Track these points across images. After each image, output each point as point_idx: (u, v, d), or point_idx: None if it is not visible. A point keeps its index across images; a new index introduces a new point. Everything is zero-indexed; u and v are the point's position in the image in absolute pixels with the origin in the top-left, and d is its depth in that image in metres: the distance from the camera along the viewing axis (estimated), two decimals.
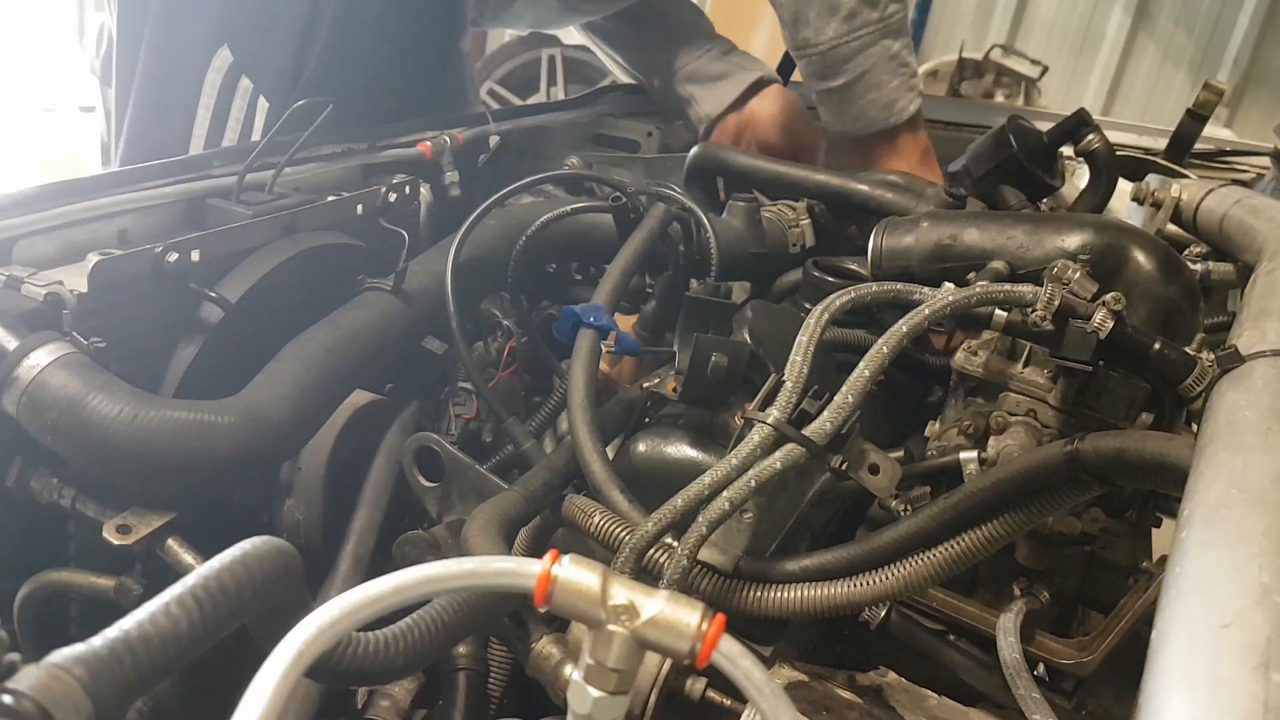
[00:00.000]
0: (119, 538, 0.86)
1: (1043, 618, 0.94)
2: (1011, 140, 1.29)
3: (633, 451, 0.99)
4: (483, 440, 1.19)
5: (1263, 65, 6.18)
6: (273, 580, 0.63)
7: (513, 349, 1.23)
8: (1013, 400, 0.94)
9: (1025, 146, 1.30)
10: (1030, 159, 1.30)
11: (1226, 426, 0.66)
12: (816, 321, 0.86)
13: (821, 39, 1.48)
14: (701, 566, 0.84)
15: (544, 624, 0.84)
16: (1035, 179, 1.32)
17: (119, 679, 0.52)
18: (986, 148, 1.32)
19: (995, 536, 0.82)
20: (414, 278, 1.13)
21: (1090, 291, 0.83)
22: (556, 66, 5.14)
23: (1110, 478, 0.80)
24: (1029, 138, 1.32)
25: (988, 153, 1.32)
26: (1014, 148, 1.29)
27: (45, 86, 4.55)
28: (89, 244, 0.99)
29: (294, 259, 1.07)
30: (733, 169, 1.47)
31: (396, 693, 0.98)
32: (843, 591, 0.82)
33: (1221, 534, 0.52)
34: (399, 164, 1.39)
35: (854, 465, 0.82)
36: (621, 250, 1.16)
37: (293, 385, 0.95)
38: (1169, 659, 0.45)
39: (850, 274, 1.25)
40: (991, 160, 1.31)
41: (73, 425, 0.82)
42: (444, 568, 0.54)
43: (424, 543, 0.98)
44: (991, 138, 1.33)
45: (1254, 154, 1.85)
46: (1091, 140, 1.35)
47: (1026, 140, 1.31)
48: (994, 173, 1.31)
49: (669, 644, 0.54)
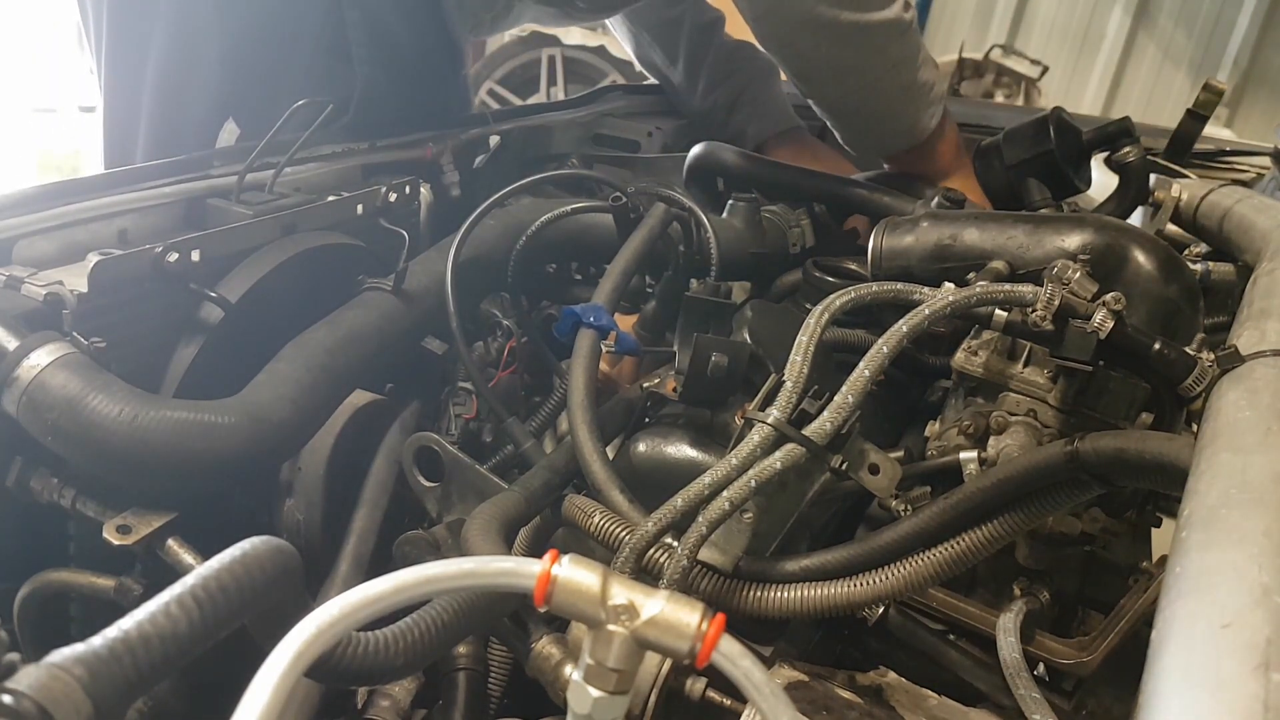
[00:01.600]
0: (119, 538, 0.86)
1: (1043, 618, 0.94)
2: (1051, 134, 1.28)
3: (633, 451, 0.99)
4: (483, 440, 1.19)
5: (1263, 65, 6.18)
6: (272, 580, 0.63)
7: (513, 349, 1.23)
8: (1013, 400, 0.93)
9: (1063, 144, 1.28)
10: (1065, 157, 1.29)
11: (1226, 426, 0.66)
12: (816, 321, 0.86)
13: (827, 94, 1.46)
14: (701, 566, 0.84)
15: (544, 624, 0.84)
16: (1065, 178, 1.31)
17: (119, 679, 0.52)
18: (1024, 136, 1.30)
19: (995, 536, 0.82)
20: (414, 278, 1.13)
21: (1090, 291, 0.83)
22: (556, 66, 5.15)
23: (1110, 478, 0.80)
24: (1068, 135, 1.31)
25: (1025, 142, 1.30)
26: (1052, 143, 1.27)
27: (45, 86, 4.55)
28: (89, 244, 0.99)
29: (294, 259, 1.07)
30: (733, 169, 1.47)
31: (396, 693, 0.98)
32: (843, 591, 0.82)
33: (1221, 534, 0.52)
34: (399, 164, 1.39)
35: (854, 465, 0.82)
36: (621, 250, 1.16)
37: (293, 385, 0.95)
38: (1169, 659, 0.45)
39: (850, 274, 1.25)
40: (1028, 150, 1.29)
41: (73, 425, 0.82)
42: (444, 568, 0.54)
43: (424, 543, 0.98)
44: (1031, 126, 1.31)
45: (1254, 154, 1.85)
46: (1129, 152, 1.34)
47: (1065, 138, 1.30)
48: (1028, 163, 1.30)
49: (669, 644, 0.54)
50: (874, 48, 1.37)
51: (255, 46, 1.47)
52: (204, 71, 1.47)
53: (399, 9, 1.52)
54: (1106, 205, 1.39)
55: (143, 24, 1.48)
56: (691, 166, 1.50)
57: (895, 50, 1.38)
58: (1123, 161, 1.35)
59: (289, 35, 1.47)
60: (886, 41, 1.37)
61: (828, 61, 1.39)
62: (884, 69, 1.39)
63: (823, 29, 1.33)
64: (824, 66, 1.40)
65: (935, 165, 1.50)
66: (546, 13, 1.73)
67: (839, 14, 1.32)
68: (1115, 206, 1.37)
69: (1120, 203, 1.37)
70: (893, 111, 1.45)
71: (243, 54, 1.46)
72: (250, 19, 1.45)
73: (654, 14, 1.87)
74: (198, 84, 1.47)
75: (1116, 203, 1.38)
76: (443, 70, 1.66)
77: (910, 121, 1.45)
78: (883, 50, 1.37)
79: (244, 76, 1.47)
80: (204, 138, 1.45)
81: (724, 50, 1.89)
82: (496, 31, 1.88)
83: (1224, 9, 6.19)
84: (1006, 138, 1.34)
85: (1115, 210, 1.37)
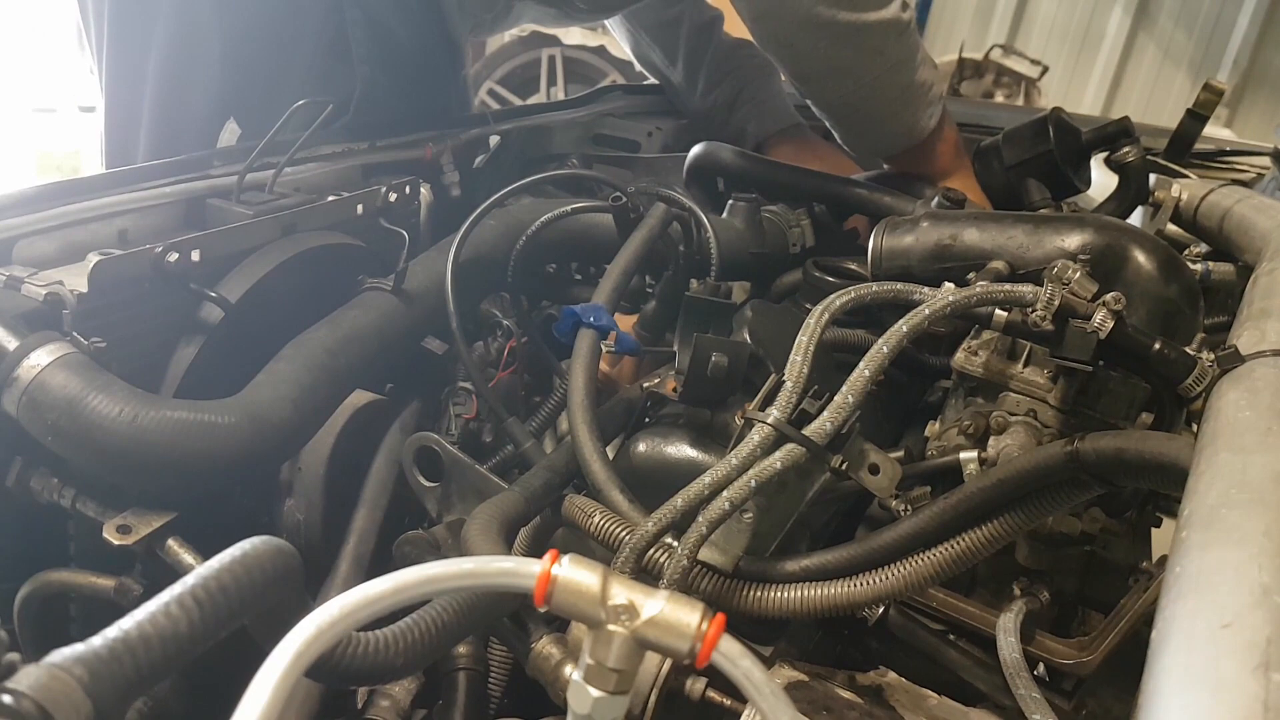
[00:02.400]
0: (119, 538, 0.86)
1: (1043, 618, 0.94)
2: (1051, 135, 1.27)
3: (633, 451, 0.99)
4: (483, 440, 1.19)
5: (1263, 65, 6.18)
6: (272, 580, 0.63)
7: (513, 349, 1.23)
8: (1013, 400, 0.93)
9: (1063, 144, 1.28)
10: (1065, 158, 1.28)
11: (1226, 426, 0.66)
12: (816, 321, 0.86)
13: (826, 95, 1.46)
14: (701, 566, 0.84)
15: (544, 624, 0.84)
16: (1065, 178, 1.31)
17: (119, 679, 0.52)
18: (1024, 137, 1.30)
19: (995, 536, 0.82)
20: (414, 278, 1.13)
21: (1090, 291, 0.83)
22: (556, 66, 5.15)
23: (1110, 478, 0.80)
24: (1067, 136, 1.30)
25: (1024, 142, 1.29)
26: (1052, 144, 1.27)
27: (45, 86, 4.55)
28: (89, 244, 0.99)
29: (294, 259, 1.07)
30: (733, 169, 1.47)
31: (396, 693, 0.98)
32: (843, 591, 0.82)
33: (1221, 534, 0.52)
34: (399, 164, 1.39)
35: (854, 465, 0.82)
36: (621, 250, 1.16)
37: (293, 385, 0.95)
38: (1169, 659, 0.45)
39: (850, 274, 1.25)
40: (1027, 151, 1.29)
41: (73, 425, 0.82)
42: (444, 568, 0.54)
43: (424, 543, 0.98)
44: (1030, 127, 1.30)
45: (1254, 154, 1.85)
46: (1128, 152, 1.33)
47: (1065, 139, 1.29)
48: (1027, 164, 1.29)
49: (669, 644, 0.54)
50: (872, 48, 1.37)
51: (255, 47, 1.47)
52: (204, 71, 1.47)
53: (399, 9, 1.52)
54: (1106, 205, 1.39)
55: (143, 24, 1.48)
56: (691, 166, 1.50)
57: (894, 51, 1.38)
58: (1122, 161, 1.35)
59: (289, 35, 1.47)
60: (885, 42, 1.37)
61: (826, 61, 1.38)
62: (883, 69, 1.39)
63: (821, 29, 1.33)
64: (822, 67, 1.40)
65: (934, 165, 1.49)
66: (546, 13, 1.73)
67: (837, 14, 1.32)
68: (1115, 206, 1.37)
69: (1120, 203, 1.37)
70: (892, 111, 1.44)
71: (243, 54, 1.46)
72: (250, 19, 1.45)
73: (653, 14, 1.87)
74: (198, 84, 1.47)
75: (1116, 203, 1.37)
76: (443, 70, 1.66)
77: (909, 121, 1.45)
78: (881, 50, 1.37)
79: (244, 76, 1.47)
80: (204, 137, 1.45)
81: (723, 49, 1.89)
82: (497, 31, 1.89)
83: (1224, 9, 6.19)
84: (1006, 138, 1.34)
85: (1115, 210, 1.37)
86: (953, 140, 1.51)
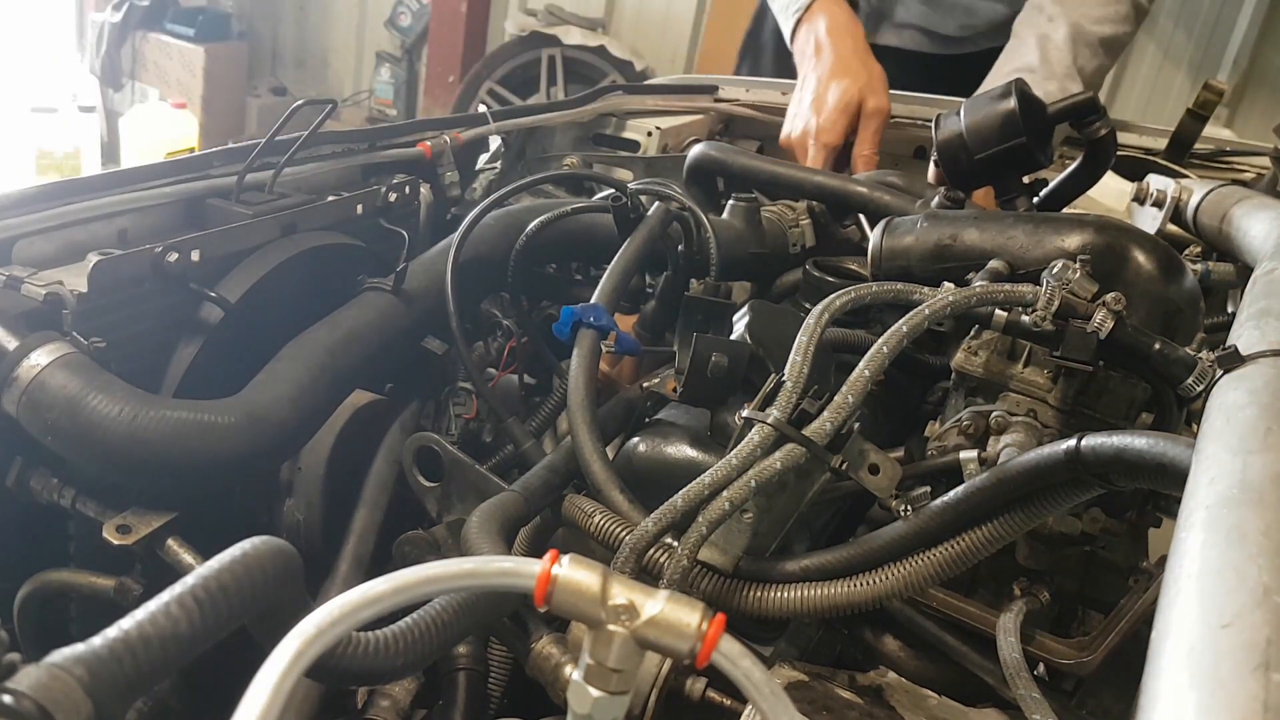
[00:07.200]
0: (119, 538, 0.86)
1: (1043, 618, 0.94)
2: (1020, 124, 1.20)
3: (633, 451, 0.99)
4: (483, 440, 1.19)
5: (1263, 65, 6.17)
6: (272, 580, 0.63)
7: (513, 349, 1.23)
8: (1013, 400, 0.93)
9: (1031, 128, 1.21)
10: (1036, 143, 1.22)
11: (1226, 426, 0.65)
12: (816, 321, 0.86)
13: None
14: (701, 566, 0.84)
15: (544, 624, 0.84)
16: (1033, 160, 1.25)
17: (119, 679, 0.52)
18: (990, 125, 1.19)
19: (995, 536, 0.82)
20: (414, 278, 1.13)
21: (1090, 291, 0.83)
22: (556, 66, 5.14)
23: (1110, 478, 0.80)
24: (1034, 117, 1.23)
25: (992, 133, 1.20)
26: (1023, 135, 1.21)
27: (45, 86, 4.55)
28: (89, 244, 0.99)
29: (294, 259, 1.07)
30: (732, 169, 1.47)
31: (396, 693, 0.98)
32: (843, 591, 0.82)
33: (1221, 534, 0.52)
34: (399, 164, 1.39)
35: (854, 465, 0.82)
36: (621, 250, 1.16)
37: (293, 385, 0.95)
38: (1169, 659, 0.45)
39: (850, 274, 1.25)
40: (996, 144, 1.21)
41: (73, 425, 0.82)
42: (444, 568, 0.54)
43: (424, 543, 0.98)
44: (998, 117, 1.21)
45: (1254, 154, 1.85)
46: (1099, 127, 1.28)
47: (1032, 120, 1.22)
48: (998, 157, 1.22)
49: (669, 644, 0.54)
50: None
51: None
52: None
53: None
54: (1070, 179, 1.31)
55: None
56: (691, 167, 1.50)
57: None
58: (1094, 135, 1.27)
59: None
60: None
61: None
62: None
63: None
64: None
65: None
66: None
67: None
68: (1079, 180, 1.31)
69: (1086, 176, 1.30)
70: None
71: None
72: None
73: None
74: None
75: (1083, 176, 1.31)
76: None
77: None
78: None
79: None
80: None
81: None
82: None
83: (1224, 9, 6.18)
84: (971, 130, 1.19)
85: (1078, 184, 1.31)
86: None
